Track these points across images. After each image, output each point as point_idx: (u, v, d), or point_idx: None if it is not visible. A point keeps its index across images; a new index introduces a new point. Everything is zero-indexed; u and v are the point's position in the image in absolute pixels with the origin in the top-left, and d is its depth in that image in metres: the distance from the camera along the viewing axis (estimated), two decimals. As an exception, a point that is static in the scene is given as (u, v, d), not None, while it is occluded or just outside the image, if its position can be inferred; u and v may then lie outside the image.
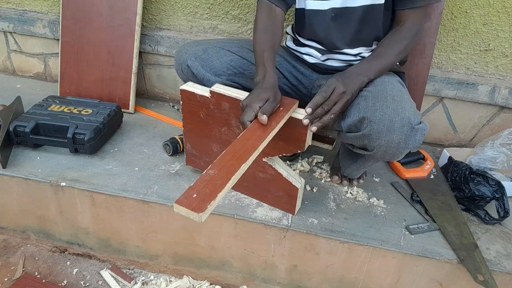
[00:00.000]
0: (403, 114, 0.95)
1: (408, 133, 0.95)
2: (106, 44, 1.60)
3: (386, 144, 0.96)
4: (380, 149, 0.98)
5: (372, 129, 0.96)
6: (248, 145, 0.83)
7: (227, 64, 1.17)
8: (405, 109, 0.96)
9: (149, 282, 1.25)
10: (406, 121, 0.94)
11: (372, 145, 0.99)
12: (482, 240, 1.13)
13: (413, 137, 0.96)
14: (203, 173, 0.73)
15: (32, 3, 1.76)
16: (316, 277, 1.18)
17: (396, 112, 0.95)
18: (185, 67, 1.18)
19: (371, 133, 0.97)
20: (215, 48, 1.19)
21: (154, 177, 1.25)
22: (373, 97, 1.00)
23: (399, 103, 0.97)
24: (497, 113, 1.57)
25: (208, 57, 1.17)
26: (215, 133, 1.13)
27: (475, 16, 1.43)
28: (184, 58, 1.18)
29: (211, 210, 0.68)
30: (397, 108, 0.95)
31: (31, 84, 1.82)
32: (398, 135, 0.95)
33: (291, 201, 1.12)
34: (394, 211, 1.22)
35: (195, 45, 1.20)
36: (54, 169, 1.24)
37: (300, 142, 1.00)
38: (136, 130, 1.51)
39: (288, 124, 0.98)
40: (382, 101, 0.98)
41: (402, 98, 0.99)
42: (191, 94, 1.09)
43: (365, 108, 0.98)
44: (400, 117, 0.94)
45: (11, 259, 1.29)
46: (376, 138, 0.97)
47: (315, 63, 1.23)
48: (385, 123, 0.95)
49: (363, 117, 0.98)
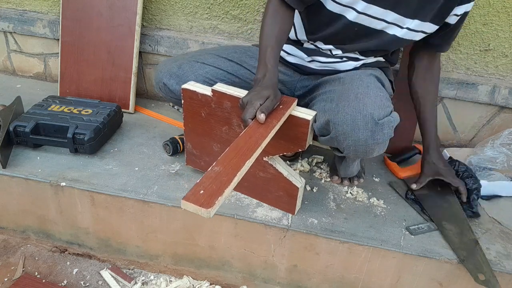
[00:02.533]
0: (365, 111, 0.95)
1: (373, 128, 0.95)
2: (106, 44, 1.60)
3: (354, 143, 0.97)
4: (350, 148, 0.99)
5: (337, 131, 0.97)
6: (251, 142, 0.83)
7: (203, 77, 1.18)
8: (367, 106, 0.95)
9: (149, 282, 1.25)
10: (369, 117, 0.94)
11: (341, 146, 1.00)
12: (482, 240, 1.13)
13: (379, 131, 0.95)
14: (208, 170, 0.73)
15: (32, 3, 1.76)
16: (316, 277, 1.18)
17: (357, 110, 0.95)
18: (162, 85, 1.20)
19: (337, 135, 0.98)
20: (190, 63, 1.19)
21: (154, 177, 1.25)
22: (337, 98, 1.00)
23: (361, 100, 0.97)
24: (497, 113, 1.57)
25: (183, 73, 1.17)
26: (216, 132, 1.13)
27: (475, 16, 1.43)
28: (160, 77, 1.19)
29: (218, 206, 0.68)
30: (359, 106, 0.95)
31: (31, 84, 1.82)
32: (364, 132, 0.95)
33: (291, 201, 1.12)
34: (394, 211, 1.22)
35: (171, 62, 1.21)
36: (54, 169, 1.24)
37: (301, 141, 1.00)
38: (136, 130, 1.51)
39: (289, 123, 0.98)
40: (345, 101, 0.98)
41: (366, 94, 0.99)
42: (193, 93, 1.09)
43: (329, 110, 0.99)
44: (362, 115, 0.94)
45: (11, 259, 1.29)
46: (343, 139, 0.97)
47: (297, 64, 1.23)
48: (348, 123, 0.95)
49: (328, 120, 0.99)
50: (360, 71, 1.14)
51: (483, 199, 1.31)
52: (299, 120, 0.97)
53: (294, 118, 0.97)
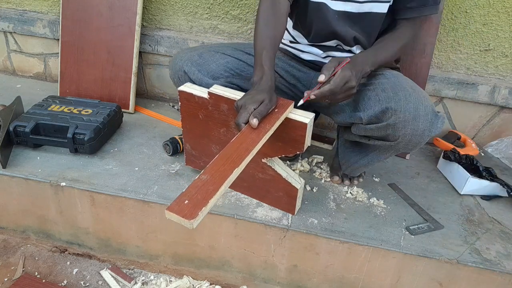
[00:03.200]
0: (426, 102, 0.98)
1: (432, 120, 0.97)
2: (106, 44, 1.60)
3: (411, 132, 0.98)
4: (405, 138, 1.00)
5: (397, 118, 0.97)
6: (241, 148, 0.82)
7: (224, 66, 1.17)
8: (426, 98, 0.99)
9: (149, 282, 1.25)
10: (430, 108, 0.97)
11: (396, 135, 1.00)
12: (482, 240, 1.13)
13: (435, 124, 0.98)
14: (195, 179, 0.72)
15: (32, 3, 1.76)
16: (316, 277, 1.18)
17: (419, 101, 0.97)
18: (182, 73, 1.17)
19: (396, 122, 0.98)
20: (210, 52, 1.19)
21: (154, 177, 1.25)
22: (392, 88, 1.02)
23: (420, 92, 1.00)
24: (497, 113, 1.57)
25: (204, 61, 1.16)
26: (214, 134, 1.13)
27: (475, 16, 1.43)
28: (180, 65, 1.17)
29: (202, 217, 0.66)
30: (420, 97, 0.98)
31: (31, 84, 1.82)
32: (424, 122, 0.97)
33: (291, 201, 1.12)
34: (394, 211, 1.22)
35: (190, 51, 1.20)
36: (54, 169, 1.24)
37: (299, 144, 1.00)
38: (136, 130, 1.51)
39: (287, 126, 0.98)
40: (404, 91, 1.00)
41: (419, 88, 1.02)
42: (190, 95, 1.08)
43: (386, 98, 1.00)
44: (424, 105, 0.97)
45: (11, 259, 1.29)
46: (402, 127, 0.98)
47: (313, 61, 1.23)
48: (411, 112, 0.96)
49: (386, 107, 0.99)
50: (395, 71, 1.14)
51: (483, 199, 1.31)
52: (296, 123, 0.96)
53: (292, 121, 0.96)
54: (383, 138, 1.06)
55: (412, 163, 1.50)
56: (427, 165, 1.49)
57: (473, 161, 1.33)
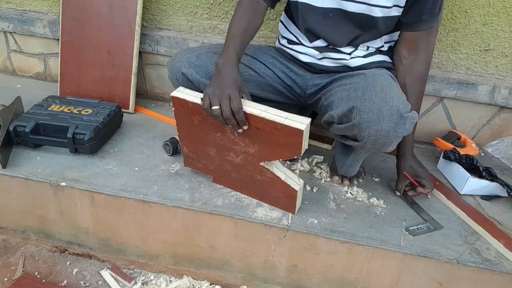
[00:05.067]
0: (392, 103, 0.96)
1: (397, 121, 0.96)
2: (106, 44, 1.60)
3: (375, 133, 0.98)
4: (370, 138, 0.99)
5: (361, 118, 0.98)
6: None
7: None
8: (393, 98, 0.97)
9: (149, 282, 1.25)
10: (394, 109, 0.96)
11: (362, 135, 1.00)
12: (482, 240, 1.13)
13: (402, 125, 0.97)
14: None
15: (32, 3, 1.76)
16: (316, 277, 1.18)
17: (384, 101, 0.97)
18: (180, 75, 1.18)
19: (360, 122, 0.98)
20: (208, 54, 1.19)
21: (154, 177, 1.25)
22: (362, 88, 1.02)
23: (388, 92, 0.99)
24: (497, 113, 1.57)
25: (202, 63, 1.17)
26: (211, 138, 1.12)
27: (475, 16, 1.43)
28: (178, 66, 1.17)
29: None
30: (386, 97, 0.97)
31: (31, 84, 1.82)
32: (388, 123, 0.96)
33: (290, 201, 1.12)
34: (394, 211, 1.22)
35: (188, 52, 1.20)
36: (54, 169, 1.24)
37: (296, 149, 0.99)
38: (136, 130, 1.51)
39: (283, 132, 0.97)
40: (371, 91, 1.00)
41: (391, 89, 1.01)
42: (183, 101, 1.07)
43: (354, 98, 1.00)
44: (388, 106, 0.96)
45: (11, 259, 1.29)
46: (366, 127, 0.98)
47: (310, 63, 1.23)
48: (374, 112, 0.96)
49: (352, 106, 0.99)
50: (380, 70, 1.15)
51: (483, 199, 1.31)
52: (293, 130, 0.95)
53: (288, 128, 0.95)
54: (353, 138, 1.07)
55: (412, 163, 1.49)
56: (427, 165, 1.49)
57: (473, 161, 1.33)
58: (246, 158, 1.10)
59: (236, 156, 1.11)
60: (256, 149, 1.05)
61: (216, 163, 1.18)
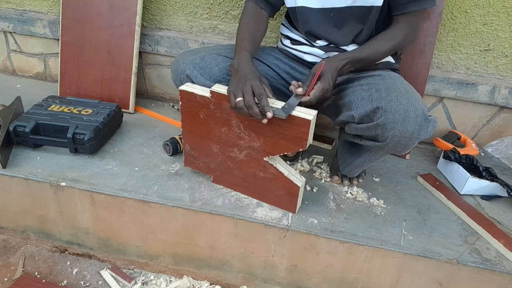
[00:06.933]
0: (417, 105, 0.97)
1: (422, 123, 0.97)
2: (106, 44, 1.60)
3: (400, 134, 0.98)
4: (393, 139, 0.99)
5: (387, 118, 0.97)
6: None
7: (226, 69, 1.17)
8: (418, 100, 0.99)
9: (149, 282, 1.25)
10: (420, 111, 0.97)
11: (385, 135, 1.00)
12: (482, 240, 1.13)
13: (425, 128, 0.98)
14: None
15: (32, 3, 1.76)
16: (316, 277, 1.18)
17: (410, 103, 0.97)
18: (184, 77, 1.17)
19: (385, 123, 0.98)
20: (212, 55, 1.19)
21: (154, 177, 1.25)
22: (385, 88, 1.02)
23: (412, 94, 1.00)
24: (497, 113, 1.57)
25: (206, 65, 1.16)
26: (215, 133, 1.13)
27: (475, 16, 1.43)
28: (183, 68, 1.17)
29: None
30: (411, 99, 0.98)
31: (31, 84, 1.82)
32: (413, 125, 0.96)
33: (292, 200, 1.12)
34: (394, 211, 1.22)
35: (192, 54, 1.20)
36: (54, 169, 1.24)
37: (302, 141, 1.00)
38: (136, 130, 1.51)
39: (290, 123, 0.98)
40: (396, 92, 1.00)
41: (413, 91, 1.02)
42: (191, 95, 1.08)
43: (378, 98, 1.00)
44: (414, 108, 0.97)
45: (11, 259, 1.29)
46: (391, 127, 0.98)
47: (315, 62, 1.23)
48: (400, 113, 0.96)
49: (377, 107, 0.99)
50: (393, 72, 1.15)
51: (483, 199, 1.31)
52: (300, 120, 0.97)
53: (295, 118, 0.97)
54: (373, 139, 1.06)
55: (412, 163, 1.50)
56: (427, 165, 1.49)
57: (473, 161, 1.33)
58: (250, 154, 1.10)
59: (240, 151, 1.11)
60: (261, 143, 1.06)
61: (218, 161, 1.18)
